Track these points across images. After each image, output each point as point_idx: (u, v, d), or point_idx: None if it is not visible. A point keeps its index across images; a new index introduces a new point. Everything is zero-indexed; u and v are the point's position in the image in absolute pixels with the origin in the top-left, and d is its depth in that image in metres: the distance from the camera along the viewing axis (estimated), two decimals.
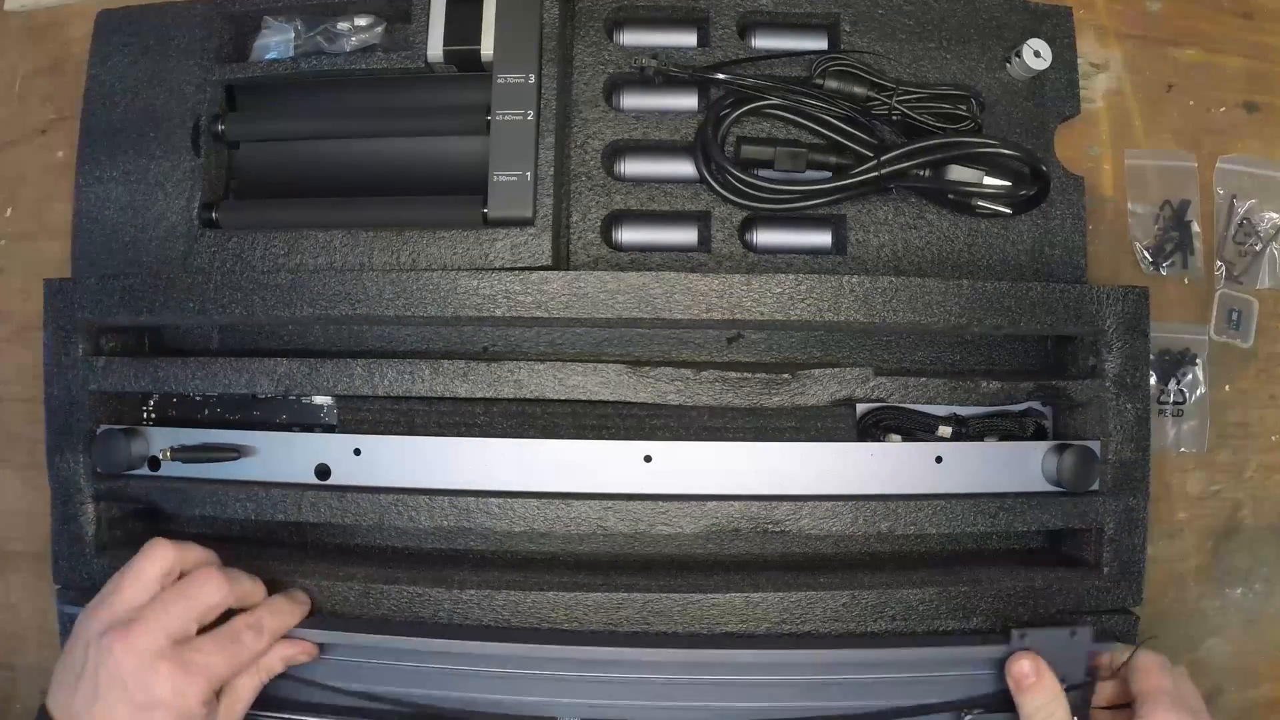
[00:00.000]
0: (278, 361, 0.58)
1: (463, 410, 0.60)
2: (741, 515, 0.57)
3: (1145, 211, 0.67)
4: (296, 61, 0.62)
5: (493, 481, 0.58)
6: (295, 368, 0.58)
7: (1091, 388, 0.59)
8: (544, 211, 0.58)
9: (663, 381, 0.58)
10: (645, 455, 0.58)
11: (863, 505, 0.58)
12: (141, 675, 0.48)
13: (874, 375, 0.58)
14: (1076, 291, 0.59)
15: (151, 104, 0.63)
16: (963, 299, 0.58)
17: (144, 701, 0.47)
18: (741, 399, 0.59)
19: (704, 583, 0.57)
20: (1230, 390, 0.67)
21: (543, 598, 0.56)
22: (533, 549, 0.62)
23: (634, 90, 0.64)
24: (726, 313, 0.57)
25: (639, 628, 0.56)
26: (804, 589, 0.56)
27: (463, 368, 0.58)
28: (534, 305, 0.57)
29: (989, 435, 0.61)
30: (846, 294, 0.57)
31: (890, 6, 0.64)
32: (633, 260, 0.62)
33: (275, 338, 0.64)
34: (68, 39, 0.69)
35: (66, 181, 0.65)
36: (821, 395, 0.59)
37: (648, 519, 0.57)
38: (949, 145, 0.60)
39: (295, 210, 0.61)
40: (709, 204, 0.62)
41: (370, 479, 0.58)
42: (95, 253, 0.63)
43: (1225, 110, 0.68)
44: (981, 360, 0.64)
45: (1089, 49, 0.67)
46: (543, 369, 0.58)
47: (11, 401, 0.67)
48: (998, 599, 0.57)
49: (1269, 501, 0.66)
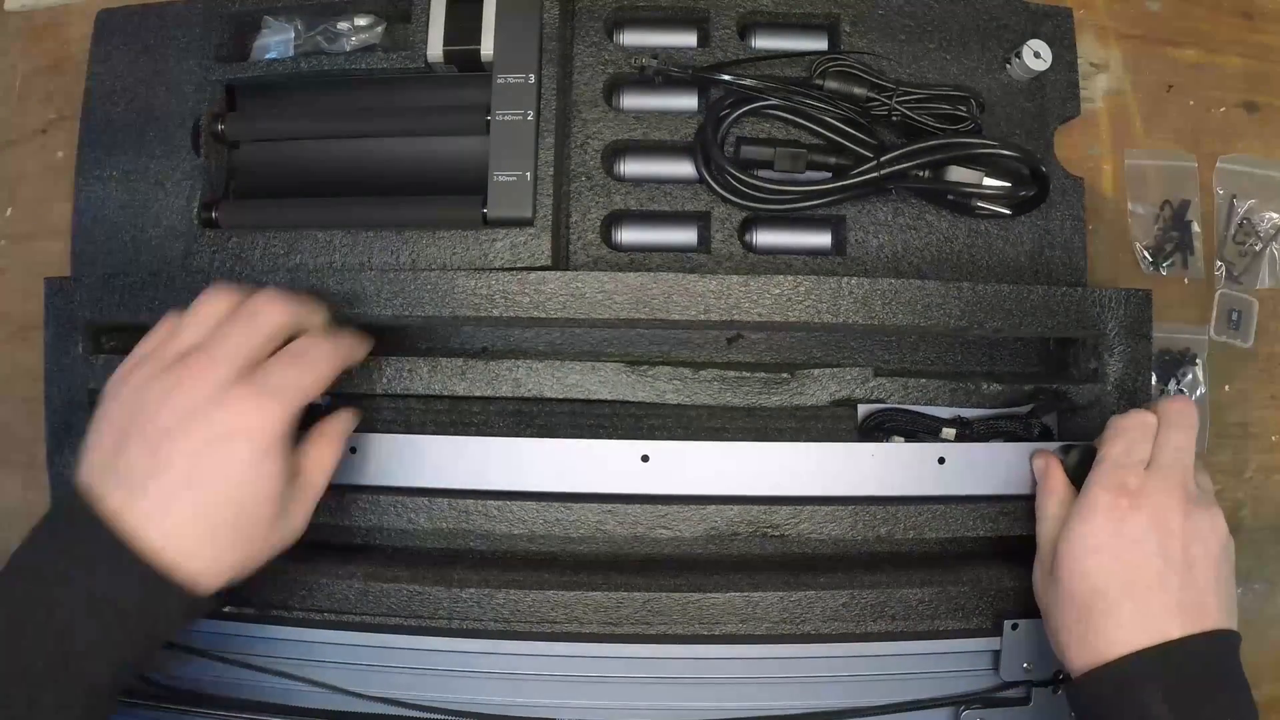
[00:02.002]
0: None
1: (460, 409, 0.60)
2: (741, 518, 0.57)
3: (1145, 212, 0.67)
4: (296, 61, 0.62)
5: (491, 481, 0.58)
6: None
7: (1093, 391, 0.59)
8: (543, 212, 0.58)
9: (661, 381, 0.58)
10: (643, 455, 0.58)
11: (862, 509, 0.58)
12: (213, 407, 0.43)
13: (874, 376, 0.59)
14: (1078, 294, 0.59)
15: (151, 104, 0.63)
16: (963, 301, 0.58)
17: (221, 433, 0.43)
18: (740, 398, 0.59)
19: (703, 582, 0.57)
20: (1230, 390, 0.67)
21: (542, 596, 0.56)
22: (532, 549, 0.62)
23: (634, 90, 0.64)
24: (725, 314, 0.57)
25: (639, 627, 0.56)
26: (803, 589, 0.56)
27: (461, 365, 0.58)
28: (532, 305, 0.57)
29: (993, 438, 0.61)
30: (845, 296, 0.57)
31: (890, 7, 0.64)
32: (632, 260, 0.62)
33: None
34: (68, 39, 0.69)
35: (66, 181, 0.65)
36: (821, 395, 0.59)
37: (647, 522, 0.57)
38: (949, 146, 0.60)
39: (295, 210, 0.61)
40: (708, 204, 0.62)
41: (367, 479, 0.58)
42: (95, 252, 0.63)
43: (1225, 110, 0.68)
44: (983, 361, 0.64)
45: (1089, 49, 0.67)
46: (541, 367, 0.58)
47: (11, 401, 0.67)
48: (998, 599, 0.57)
49: (1269, 501, 0.66)
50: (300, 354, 0.47)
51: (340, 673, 0.56)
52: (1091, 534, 0.49)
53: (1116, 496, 0.49)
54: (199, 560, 0.43)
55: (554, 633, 0.55)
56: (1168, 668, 0.46)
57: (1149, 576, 0.48)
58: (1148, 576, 0.48)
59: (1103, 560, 0.49)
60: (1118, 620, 0.47)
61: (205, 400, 0.43)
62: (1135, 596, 0.47)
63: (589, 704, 0.56)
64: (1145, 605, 0.47)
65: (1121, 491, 0.49)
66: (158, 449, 0.43)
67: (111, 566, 0.41)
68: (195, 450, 0.43)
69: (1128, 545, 0.48)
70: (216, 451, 0.43)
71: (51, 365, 0.60)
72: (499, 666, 0.55)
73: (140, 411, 0.43)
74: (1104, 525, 0.49)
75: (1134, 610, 0.47)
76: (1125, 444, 0.51)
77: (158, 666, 0.55)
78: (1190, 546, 0.48)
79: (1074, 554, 0.49)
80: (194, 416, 0.43)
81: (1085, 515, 0.50)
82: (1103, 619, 0.48)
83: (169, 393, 0.43)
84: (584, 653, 0.55)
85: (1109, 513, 0.49)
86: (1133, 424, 0.52)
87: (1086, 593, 0.48)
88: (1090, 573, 0.49)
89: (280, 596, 0.56)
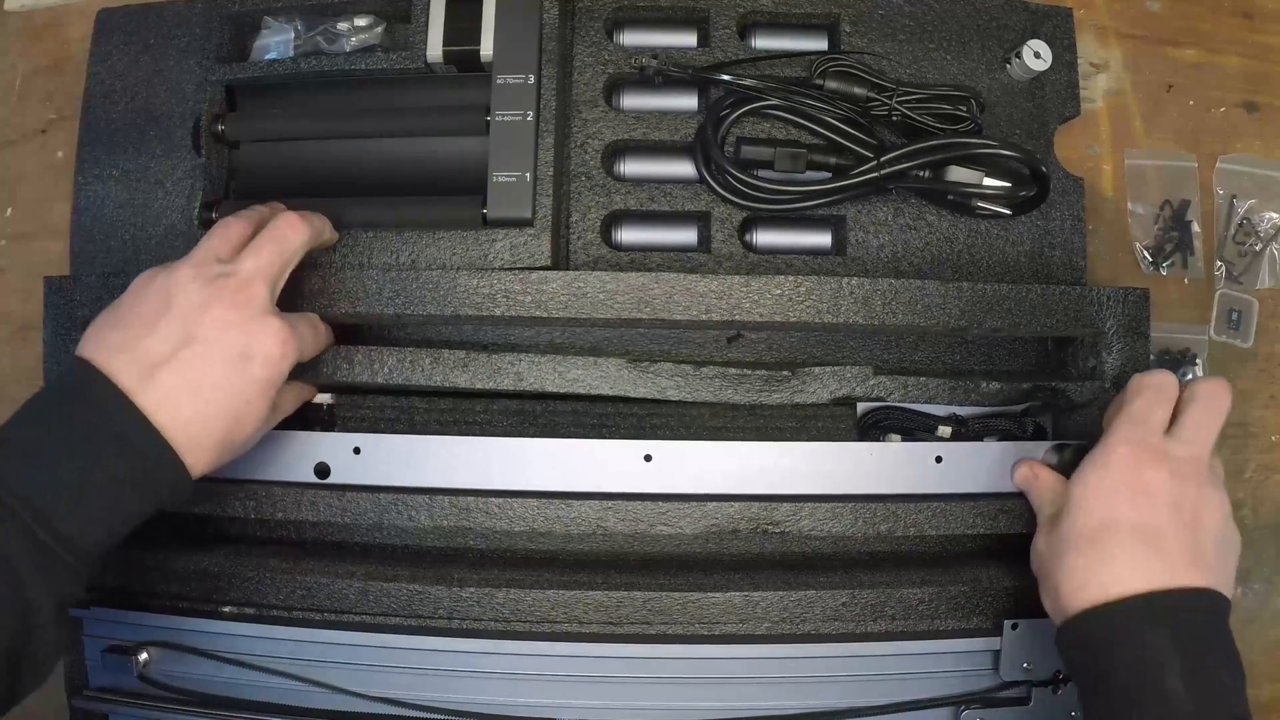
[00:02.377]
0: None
1: (463, 408, 0.60)
2: (741, 516, 0.57)
3: (1145, 211, 0.67)
4: (296, 61, 0.62)
5: (493, 480, 0.58)
6: None
7: (1091, 389, 0.59)
8: (543, 212, 0.58)
9: (663, 377, 0.58)
10: (646, 455, 0.58)
11: (862, 507, 0.58)
12: (251, 327, 0.48)
13: (874, 374, 0.59)
14: (1076, 293, 0.59)
15: (151, 103, 0.63)
16: (962, 301, 0.58)
17: (244, 352, 0.48)
18: (741, 395, 0.59)
19: (703, 581, 0.57)
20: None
21: (543, 596, 0.56)
22: (532, 547, 0.62)
23: (634, 90, 0.64)
24: (726, 314, 0.57)
25: (639, 627, 0.56)
26: (803, 588, 0.56)
27: (463, 357, 0.58)
28: (534, 305, 0.57)
29: (988, 435, 0.61)
30: (845, 296, 0.57)
31: (890, 7, 0.64)
32: (632, 260, 0.62)
33: None
34: (68, 39, 0.69)
35: (66, 181, 0.65)
36: (821, 393, 0.59)
37: (647, 519, 0.57)
38: (949, 146, 0.60)
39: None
40: (709, 204, 0.62)
41: (370, 478, 0.58)
42: (95, 252, 0.63)
43: (1225, 110, 0.68)
44: (982, 359, 0.64)
45: (1089, 49, 0.67)
46: (543, 361, 0.58)
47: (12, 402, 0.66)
48: (998, 598, 0.57)
49: (1269, 501, 0.66)
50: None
51: (340, 673, 0.56)
52: (1110, 477, 0.50)
53: (1138, 450, 0.50)
54: (191, 455, 0.47)
55: (554, 632, 0.55)
56: (1176, 613, 0.46)
57: (1163, 525, 0.48)
58: (1161, 525, 0.48)
59: (1119, 501, 0.49)
60: (1129, 560, 0.48)
61: (246, 320, 0.48)
62: (1149, 540, 0.48)
63: (589, 704, 0.55)
64: (1158, 549, 0.48)
65: (1143, 446, 0.50)
66: (182, 348, 0.46)
67: (133, 433, 0.45)
68: (217, 362, 0.47)
69: (1144, 494, 0.49)
70: (234, 368, 0.48)
71: (51, 365, 0.60)
72: (499, 666, 0.55)
73: (175, 309, 0.47)
74: (1124, 471, 0.50)
75: (1147, 553, 0.48)
76: (1146, 402, 0.51)
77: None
78: (1202, 514, 0.49)
79: (1090, 493, 0.50)
80: (227, 330, 0.47)
81: (1103, 462, 0.50)
82: (1113, 558, 0.48)
83: (209, 303, 0.47)
84: (584, 653, 0.55)
85: (1130, 461, 0.50)
86: (1155, 383, 0.52)
87: (1097, 529, 0.49)
88: (1105, 509, 0.49)
89: (280, 596, 0.56)
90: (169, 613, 0.57)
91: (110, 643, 0.57)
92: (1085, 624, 0.48)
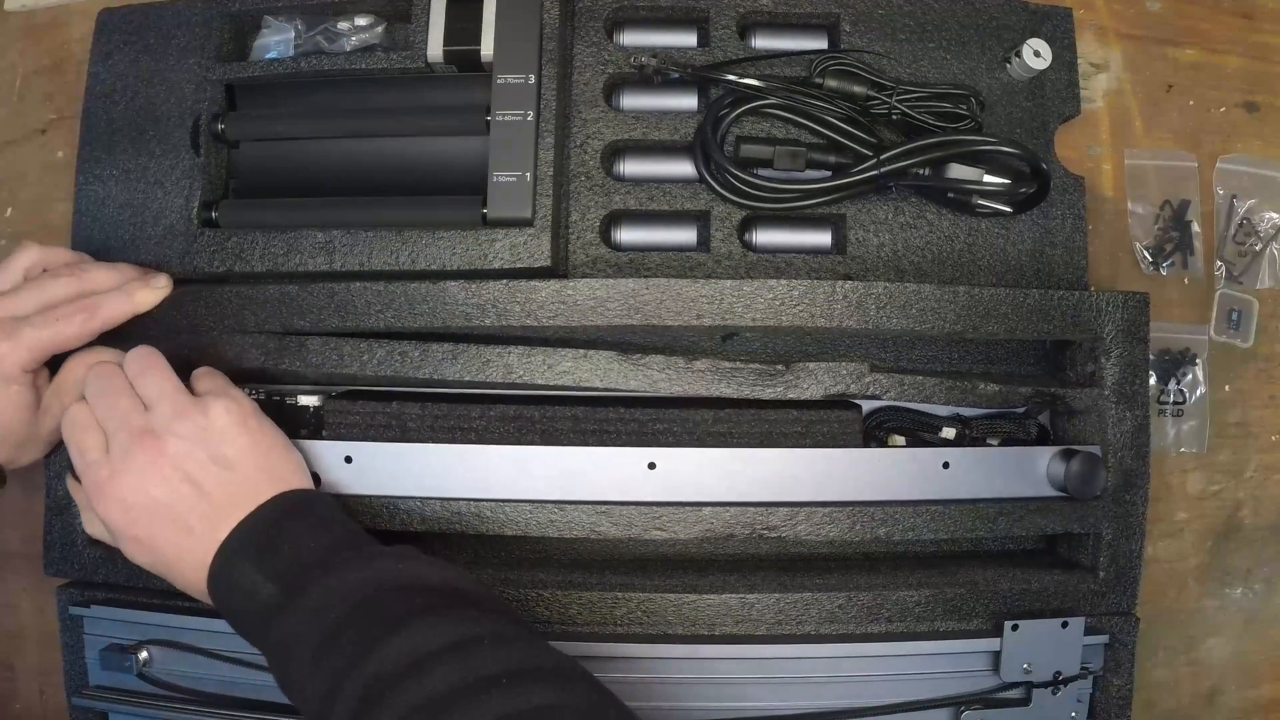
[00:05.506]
0: (267, 336, 0.58)
1: (458, 414, 0.58)
2: (737, 521, 0.57)
3: (1145, 211, 0.67)
4: (296, 61, 0.62)
5: (491, 491, 0.57)
6: (283, 344, 0.58)
7: (1090, 395, 0.59)
8: (543, 212, 0.58)
9: (654, 369, 0.57)
10: (650, 462, 0.57)
11: (859, 511, 0.57)
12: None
13: (869, 371, 0.58)
14: (1075, 299, 0.58)
15: (151, 103, 0.63)
16: (958, 306, 0.57)
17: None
18: (734, 389, 0.58)
19: (699, 583, 0.57)
20: (1230, 390, 0.67)
21: (537, 596, 0.56)
22: (527, 548, 0.62)
23: (634, 90, 0.64)
24: (718, 319, 0.57)
25: (634, 628, 0.56)
26: (799, 590, 0.56)
27: (451, 349, 0.57)
28: (524, 314, 0.57)
29: (991, 437, 0.61)
30: (840, 300, 0.57)
31: (890, 6, 0.64)
32: (631, 260, 0.62)
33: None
34: (68, 39, 0.69)
35: (66, 181, 0.65)
36: (816, 389, 0.58)
37: (642, 524, 0.57)
38: (948, 144, 0.60)
39: (295, 210, 0.61)
40: (708, 204, 0.62)
41: (362, 487, 0.57)
42: (95, 251, 0.63)
43: (1225, 110, 0.68)
44: (980, 360, 0.64)
45: (1089, 49, 0.67)
46: (532, 354, 0.57)
47: None
48: (994, 600, 0.57)
49: (1269, 501, 0.66)
50: (61, 317, 0.54)
51: None
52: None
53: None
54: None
55: (549, 633, 0.55)
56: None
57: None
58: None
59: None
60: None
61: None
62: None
63: None
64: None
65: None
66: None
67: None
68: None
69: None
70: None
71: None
72: None
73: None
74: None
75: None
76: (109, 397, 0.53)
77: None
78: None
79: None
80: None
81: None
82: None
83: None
84: (579, 652, 0.55)
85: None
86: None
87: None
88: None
89: None
90: (169, 612, 0.57)
91: (110, 641, 0.58)
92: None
